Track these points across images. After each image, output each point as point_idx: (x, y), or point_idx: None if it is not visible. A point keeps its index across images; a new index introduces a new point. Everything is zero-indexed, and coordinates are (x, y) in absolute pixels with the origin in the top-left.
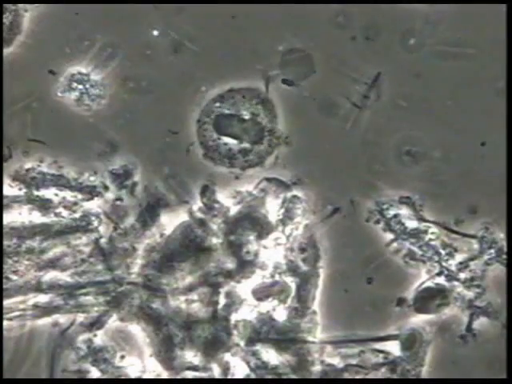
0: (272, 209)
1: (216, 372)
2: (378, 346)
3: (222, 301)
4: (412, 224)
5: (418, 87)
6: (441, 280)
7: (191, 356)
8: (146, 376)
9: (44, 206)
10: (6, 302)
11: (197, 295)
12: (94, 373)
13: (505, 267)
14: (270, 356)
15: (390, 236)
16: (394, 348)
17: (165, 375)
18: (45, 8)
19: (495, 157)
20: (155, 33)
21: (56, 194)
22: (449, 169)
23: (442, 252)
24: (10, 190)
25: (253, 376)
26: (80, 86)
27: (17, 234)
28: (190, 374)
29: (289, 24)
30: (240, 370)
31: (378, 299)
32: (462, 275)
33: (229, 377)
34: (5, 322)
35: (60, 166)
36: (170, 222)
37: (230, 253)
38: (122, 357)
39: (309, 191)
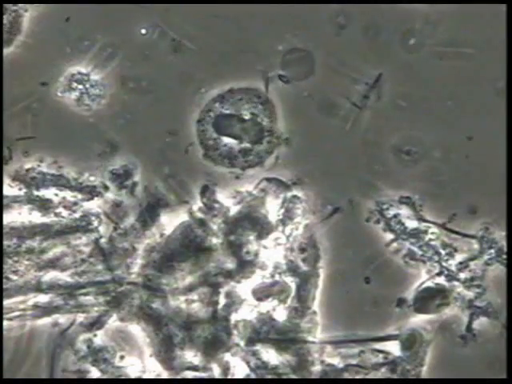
0: (272, 209)
1: (216, 372)
2: (378, 346)
3: (222, 301)
4: (412, 224)
5: (418, 87)
6: (441, 280)
7: (191, 356)
8: (146, 376)
9: (44, 206)
10: (6, 302)
11: (197, 295)
12: (94, 373)
13: (505, 267)
14: (270, 356)
15: (390, 236)
16: (394, 348)
17: (165, 375)
18: (45, 8)
19: (495, 157)
20: (143, 31)
21: (56, 194)
22: (449, 169)
23: (442, 252)
24: (10, 189)
25: (253, 376)
26: (80, 86)
27: (17, 233)
28: (189, 374)
29: (289, 24)
30: (240, 369)
31: (378, 299)
32: (462, 275)
33: (229, 377)
34: (5, 322)
35: (60, 166)
36: (170, 222)
37: (230, 253)
38: (122, 357)
39: (309, 191)
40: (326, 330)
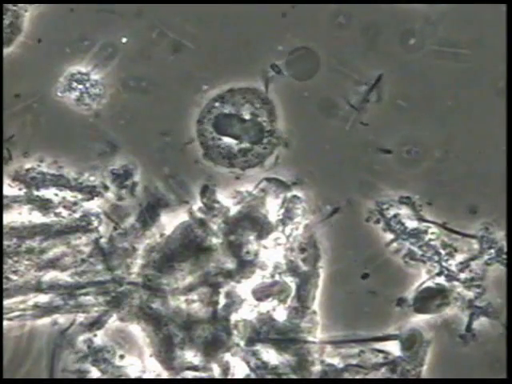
0: (272, 209)
1: (216, 372)
2: (378, 346)
3: (222, 301)
4: (412, 224)
5: (418, 87)
6: (441, 280)
7: (191, 356)
8: (146, 376)
9: (44, 206)
10: (6, 302)
11: (197, 295)
12: (94, 373)
13: (505, 267)
14: (270, 356)
15: (390, 236)
16: (394, 348)
17: (165, 375)
18: (45, 8)
19: (495, 157)
20: (124, 40)
21: (56, 194)
22: (449, 169)
23: (442, 252)
24: (10, 190)
25: (253, 376)
26: (80, 86)
27: (17, 234)
28: (189, 374)
29: (289, 24)
30: (240, 369)
31: (378, 299)
32: (462, 275)
33: (229, 377)
34: (5, 322)
35: (60, 166)
36: (170, 222)
37: (230, 253)
38: (122, 356)
39: (309, 191)
40: (326, 330)
